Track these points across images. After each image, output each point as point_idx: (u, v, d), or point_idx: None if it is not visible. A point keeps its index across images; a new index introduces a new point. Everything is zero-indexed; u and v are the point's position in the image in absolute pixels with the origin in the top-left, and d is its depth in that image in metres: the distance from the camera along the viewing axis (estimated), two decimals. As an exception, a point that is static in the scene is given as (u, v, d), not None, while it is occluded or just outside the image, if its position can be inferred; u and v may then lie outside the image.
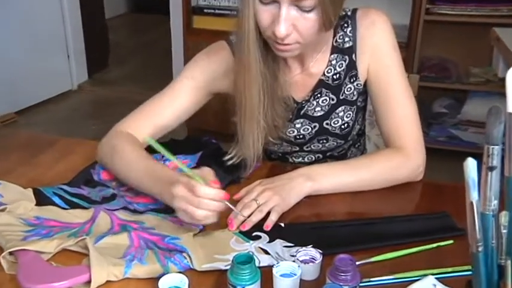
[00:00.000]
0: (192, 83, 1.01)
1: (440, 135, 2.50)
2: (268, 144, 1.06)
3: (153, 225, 0.85)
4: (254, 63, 0.91)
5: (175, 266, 0.75)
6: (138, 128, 0.99)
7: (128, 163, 0.92)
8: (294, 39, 0.87)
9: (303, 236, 0.83)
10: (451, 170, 1.28)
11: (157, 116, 1.00)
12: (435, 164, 1.35)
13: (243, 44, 0.90)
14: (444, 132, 2.50)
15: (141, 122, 1.00)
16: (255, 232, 0.84)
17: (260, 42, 0.91)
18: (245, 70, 0.91)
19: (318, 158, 1.15)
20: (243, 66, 0.92)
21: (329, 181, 0.93)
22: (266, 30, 0.87)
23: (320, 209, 0.92)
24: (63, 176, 1.00)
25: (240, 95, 0.94)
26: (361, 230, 0.85)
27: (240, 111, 0.95)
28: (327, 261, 0.73)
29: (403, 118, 0.98)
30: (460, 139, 2.47)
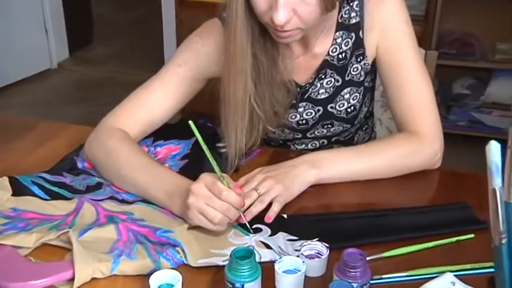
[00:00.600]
0: (184, 71, 1.01)
1: (460, 119, 2.50)
2: (267, 133, 1.06)
3: (143, 217, 0.85)
4: (241, 49, 0.89)
5: (168, 261, 0.76)
6: (128, 124, 0.99)
7: (118, 160, 0.92)
8: (294, 25, 0.86)
9: (307, 229, 0.83)
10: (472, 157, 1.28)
11: (149, 110, 1.01)
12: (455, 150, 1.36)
13: (229, 26, 0.89)
14: (465, 115, 2.50)
15: (132, 116, 1.00)
16: (255, 224, 0.84)
17: (254, 24, 0.89)
18: (230, 57, 0.90)
19: (322, 144, 1.16)
20: (228, 53, 0.91)
21: (336, 168, 0.94)
22: (263, 16, 0.86)
23: (327, 199, 0.93)
24: (43, 163, 1.00)
25: (223, 85, 0.94)
26: (372, 222, 0.86)
27: (223, 103, 0.95)
28: (334, 256, 0.73)
29: (417, 100, 0.98)
30: (482, 123, 2.47)
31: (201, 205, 0.77)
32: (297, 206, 0.90)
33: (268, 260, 0.77)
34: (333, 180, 0.94)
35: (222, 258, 0.77)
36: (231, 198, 0.78)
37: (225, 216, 0.78)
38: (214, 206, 0.77)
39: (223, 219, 0.78)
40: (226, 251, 0.78)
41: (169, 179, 0.88)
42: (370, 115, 1.20)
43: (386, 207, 0.90)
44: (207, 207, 0.77)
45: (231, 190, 0.78)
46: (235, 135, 0.96)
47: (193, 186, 0.78)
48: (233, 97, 0.93)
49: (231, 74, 0.92)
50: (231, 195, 0.78)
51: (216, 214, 0.77)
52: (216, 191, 0.77)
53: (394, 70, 0.99)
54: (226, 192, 0.77)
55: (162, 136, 1.05)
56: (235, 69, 0.91)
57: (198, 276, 0.75)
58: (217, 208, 0.77)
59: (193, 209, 0.78)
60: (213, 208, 0.77)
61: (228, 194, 0.77)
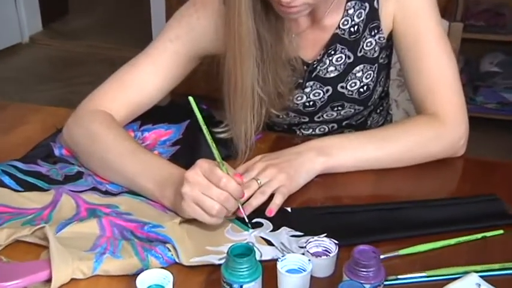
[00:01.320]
0: (177, 47, 1.01)
1: (489, 101, 2.50)
2: (271, 117, 1.07)
3: (129, 210, 0.86)
4: (247, 29, 0.89)
5: (157, 260, 0.76)
6: (113, 106, 1.00)
7: (102, 146, 0.92)
8: (301, 0, 0.86)
9: (314, 223, 0.84)
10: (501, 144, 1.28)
11: (136, 90, 1.01)
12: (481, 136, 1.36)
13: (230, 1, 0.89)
14: (494, 97, 2.50)
15: (117, 97, 1.00)
16: (255, 218, 0.85)
17: None
18: (234, 38, 0.90)
19: (332, 129, 1.16)
20: (230, 30, 0.90)
21: (347, 156, 0.94)
22: None
23: (336, 190, 0.93)
24: (15, 150, 1.01)
25: (229, 70, 0.94)
26: (386, 216, 0.86)
27: (229, 91, 0.95)
28: (344, 254, 0.74)
29: (438, 78, 0.98)
30: (514, 106, 2.48)
31: (196, 194, 0.78)
32: (303, 197, 0.91)
33: (270, 258, 0.77)
34: (342, 169, 0.95)
35: (218, 256, 0.77)
36: (230, 187, 0.78)
37: (223, 207, 0.79)
38: (211, 195, 0.78)
39: (221, 210, 0.79)
40: (223, 248, 0.79)
41: (160, 166, 0.88)
42: (385, 96, 1.20)
43: (403, 199, 0.91)
44: (203, 197, 0.78)
45: (231, 178, 0.78)
46: (244, 126, 0.96)
47: (188, 174, 0.79)
48: (241, 85, 0.94)
49: (237, 58, 0.92)
50: (231, 184, 0.78)
51: (213, 204, 0.78)
52: (215, 179, 0.78)
53: (413, 44, 0.99)
54: (226, 179, 0.78)
55: (151, 119, 1.05)
56: (242, 52, 0.91)
57: (191, 276, 0.76)
58: (214, 198, 0.78)
59: (188, 198, 0.79)
60: (210, 198, 0.78)
61: (227, 182, 0.78)
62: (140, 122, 1.06)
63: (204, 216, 0.79)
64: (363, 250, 0.69)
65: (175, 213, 0.84)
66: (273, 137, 1.09)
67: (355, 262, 0.68)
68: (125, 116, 1.01)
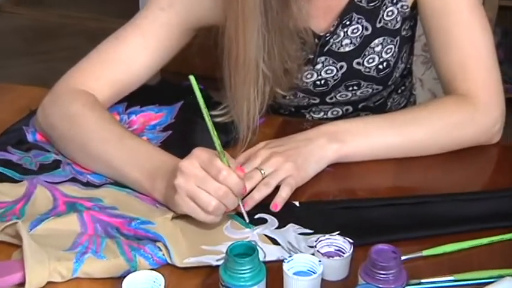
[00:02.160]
0: (169, 17, 1.01)
1: (529, 80, 2.49)
2: (276, 98, 1.07)
3: (114, 204, 0.87)
4: None
5: (147, 260, 0.77)
6: (96, 85, 1.00)
7: (83, 130, 0.93)
8: None
9: (326, 220, 0.85)
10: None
11: (123, 66, 1.01)
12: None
13: None
14: (536, 75, 2.50)
15: (100, 75, 1.01)
16: (258, 214, 0.86)
17: None
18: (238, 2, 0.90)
19: (346, 112, 1.17)
20: None
21: (363, 142, 0.95)
22: None
23: (350, 182, 0.94)
24: (-18, 135, 1.01)
25: (230, 35, 0.94)
26: (409, 211, 0.87)
27: (229, 64, 0.96)
28: (360, 255, 0.75)
29: (471, 53, 0.98)
30: (559, 86, 2.47)
31: (192, 188, 0.79)
32: (312, 190, 0.92)
33: (275, 258, 0.78)
34: (358, 157, 0.96)
35: (216, 256, 0.78)
36: (231, 181, 0.78)
37: (220, 204, 0.79)
38: (208, 189, 0.78)
39: (219, 207, 0.79)
40: (221, 247, 0.79)
41: (150, 154, 0.89)
42: (408, 74, 1.21)
43: (428, 192, 0.91)
44: (199, 191, 0.78)
45: (232, 171, 0.79)
46: (247, 104, 0.97)
47: (183, 163, 0.79)
48: (244, 56, 0.94)
49: (239, 24, 0.92)
50: (232, 177, 0.78)
51: (210, 200, 0.78)
52: (213, 171, 0.78)
53: (441, 13, 0.99)
54: (226, 172, 0.78)
55: (139, 101, 1.06)
56: (245, 16, 0.91)
57: (185, 279, 0.76)
58: (212, 192, 0.78)
59: (182, 192, 0.79)
60: (206, 192, 0.78)
61: (227, 175, 0.78)
62: (126, 104, 1.06)
63: (199, 213, 0.80)
64: (381, 250, 0.70)
65: (167, 207, 0.85)
66: (279, 121, 1.09)
67: (373, 264, 0.69)
68: (108, 97, 1.02)
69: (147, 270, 0.74)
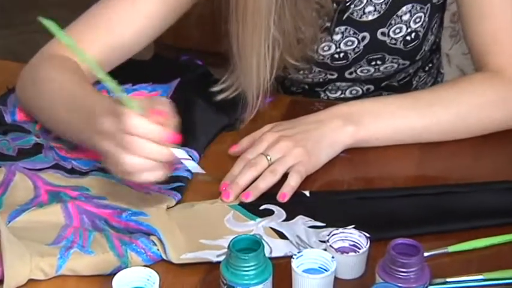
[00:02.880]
0: None
1: None
2: (286, 71, 1.07)
3: (102, 193, 0.87)
4: None
5: (139, 256, 0.77)
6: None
7: (50, 94, 0.93)
8: None
9: (339, 212, 0.85)
10: None
11: (114, 30, 1.00)
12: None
13: None
14: None
15: (88, 39, 0.99)
16: (264, 205, 0.86)
17: None
18: None
19: (367, 92, 1.16)
20: None
21: (383, 125, 0.95)
22: None
23: (368, 169, 0.94)
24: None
25: None
26: (433, 203, 0.87)
27: (236, 14, 0.95)
28: (378, 250, 0.75)
29: (507, 25, 0.98)
30: None
31: (111, 148, 0.76)
32: (325, 178, 0.92)
33: (283, 254, 0.78)
34: (377, 142, 0.96)
35: (217, 251, 0.78)
36: (139, 127, 0.74)
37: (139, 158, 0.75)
38: (119, 144, 0.75)
39: (139, 164, 0.75)
40: (223, 241, 0.80)
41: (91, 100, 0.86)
42: (436, 49, 1.20)
43: (454, 181, 0.91)
44: (112, 149, 0.76)
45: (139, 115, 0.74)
46: (257, 60, 0.96)
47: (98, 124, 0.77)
48: (253, 5, 0.93)
49: None
50: (138, 122, 0.73)
51: (121, 156, 0.75)
52: (120, 122, 0.74)
53: None
54: (131, 118, 0.73)
55: (130, 78, 1.06)
56: None
57: (182, 277, 0.77)
58: (124, 146, 0.75)
59: (106, 157, 0.78)
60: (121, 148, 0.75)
61: (133, 121, 0.73)
62: (116, 82, 1.06)
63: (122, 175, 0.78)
64: (401, 245, 0.70)
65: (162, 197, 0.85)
66: (288, 100, 1.09)
67: (392, 260, 0.69)
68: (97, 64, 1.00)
69: (139, 266, 0.74)
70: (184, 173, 0.90)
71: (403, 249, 0.69)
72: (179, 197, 0.87)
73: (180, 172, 0.90)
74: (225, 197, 0.87)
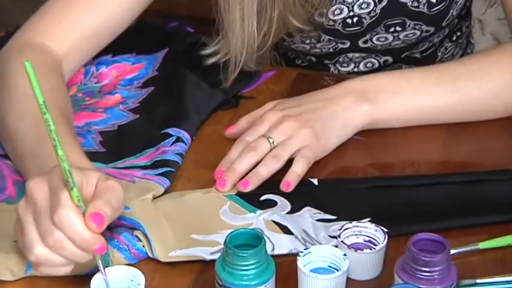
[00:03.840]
0: None
1: None
2: (291, 40, 1.08)
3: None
4: None
5: (122, 254, 0.78)
6: (59, 35, 0.99)
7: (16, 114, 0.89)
8: None
9: (352, 203, 0.86)
10: None
11: (93, 6, 1.00)
12: None
13: None
14: None
15: (64, 18, 0.99)
16: (265, 195, 0.87)
17: None
18: None
19: (384, 64, 1.16)
20: None
21: (402, 103, 0.95)
22: None
23: (386, 154, 0.95)
24: None
25: None
26: (461, 192, 0.87)
27: None
28: (397, 247, 0.75)
29: None
30: None
31: (25, 218, 0.71)
32: (336, 165, 0.92)
33: (287, 251, 0.79)
34: (396, 122, 0.96)
35: (211, 248, 0.79)
36: (69, 227, 0.67)
37: (50, 254, 0.70)
38: (38, 227, 0.70)
39: (46, 257, 0.70)
40: (218, 236, 0.80)
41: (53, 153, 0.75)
42: (466, 14, 1.20)
43: (486, 168, 0.91)
44: (29, 226, 0.70)
45: (76, 212, 0.68)
46: (241, 20, 0.96)
47: (29, 182, 0.71)
48: None
49: None
50: (73, 221, 0.67)
51: (33, 244, 0.70)
52: (53, 205, 0.69)
53: None
54: (66, 212, 0.67)
55: (110, 47, 1.06)
56: None
57: (170, 277, 0.77)
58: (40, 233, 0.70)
59: (18, 217, 0.72)
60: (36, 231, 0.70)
61: (67, 217, 0.67)
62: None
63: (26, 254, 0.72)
64: (424, 241, 0.70)
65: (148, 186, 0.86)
66: (292, 75, 1.09)
67: (413, 258, 0.69)
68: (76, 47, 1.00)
69: (122, 265, 0.74)
70: (173, 157, 0.90)
71: (426, 246, 0.70)
72: (168, 184, 0.88)
73: (169, 156, 0.90)
74: (220, 186, 0.87)
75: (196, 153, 0.94)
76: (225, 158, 0.90)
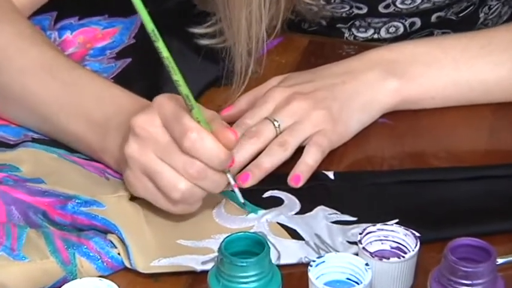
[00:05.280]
0: None
1: None
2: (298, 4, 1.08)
3: (39, 174, 0.88)
4: None
5: (92, 263, 0.79)
6: None
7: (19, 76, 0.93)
8: None
9: (376, 201, 0.87)
10: None
11: None
12: None
13: None
14: None
15: None
16: (269, 191, 0.88)
17: None
18: None
19: (411, 29, 1.17)
20: None
21: (439, 78, 0.96)
22: None
23: (418, 141, 0.96)
24: None
25: None
26: (510, 189, 0.88)
27: None
28: (431, 255, 0.77)
29: None
30: None
31: (149, 161, 0.78)
32: (356, 155, 0.94)
33: (296, 261, 0.80)
34: (432, 102, 0.97)
35: (201, 257, 0.80)
36: (206, 150, 0.76)
37: (194, 186, 0.78)
38: (174, 163, 0.77)
39: (191, 191, 0.78)
40: (210, 242, 0.82)
41: (98, 93, 0.88)
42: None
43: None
44: (161, 166, 0.78)
45: (206, 132, 0.77)
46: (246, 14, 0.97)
47: (136, 121, 0.78)
48: None
49: None
50: (206, 143, 0.76)
51: (176, 181, 0.77)
52: (178, 132, 0.77)
53: None
54: (197, 134, 0.76)
55: (76, 9, 1.07)
56: None
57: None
58: (180, 169, 0.77)
59: (135, 166, 0.79)
60: (171, 168, 0.78)
61: (199, 139, 0.76)
62: (56, 14, 1.06)
63: (161, 201, 0.80)
64: (465, 248, 0.71)
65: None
66: (304, 42, 1.11)
67: (451, 269, 0.70)
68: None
69: (93, 277, 0.75)
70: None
71: (466, 254, 0.71)
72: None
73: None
74: None
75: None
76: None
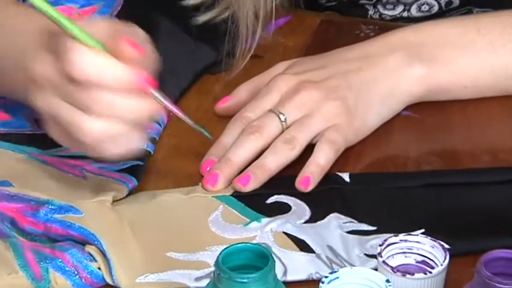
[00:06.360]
0: None
1: None
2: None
3: (6, 175, 0.89)
4: None
5: (68, 279, 0.80)
6: None
7: None
8: None
9: (399, 207, 0.88)
10: None
11: None
12: None
13: None
14: None
15: None
16: (274, 196, 0.89)
17: None
18: None
19: (446, 8, 1.18)
20: None
21: (474, 64, 0.97)
22: None
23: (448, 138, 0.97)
24: None
25: None
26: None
27: None
28: (461, 269, 0.78)
29: None
30: None
31: (52, 105, 0.77)
32: (375, 154, 0.95)
33: (305, 277, 0.81)
34: (464, 92, 0.98)
35: (195, 272, 0.81)
36: (86, 66, 0.75)
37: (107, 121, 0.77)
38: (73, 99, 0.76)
39: (106, 131, 0.77)
40: (205, 255, 0.83)
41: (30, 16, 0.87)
42: None
43: None
44: (62, 107, 0.77)
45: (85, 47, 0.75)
46: None
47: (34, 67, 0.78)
48: None
49: None
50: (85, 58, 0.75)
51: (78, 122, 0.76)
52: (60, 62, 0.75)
53: None
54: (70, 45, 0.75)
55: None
56: None
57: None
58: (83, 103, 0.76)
59: (48, 117, 0.79)
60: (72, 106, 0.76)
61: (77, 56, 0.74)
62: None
63: (79, 148, 0.80)
64: (501, 261, 0.72)
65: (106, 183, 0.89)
66: (315, 22, 1.12)
67: (485, 285, 0.70)
68: None
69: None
70: (142, 145, 0.92)
71: (502, 268, 0.72)
72: (134, 184, 0.90)
73: (135, 141, 0.92)
74: (209, 183, 0.89)
75: (176, 137, 0.96)
76: (216, 143, 0.92)
